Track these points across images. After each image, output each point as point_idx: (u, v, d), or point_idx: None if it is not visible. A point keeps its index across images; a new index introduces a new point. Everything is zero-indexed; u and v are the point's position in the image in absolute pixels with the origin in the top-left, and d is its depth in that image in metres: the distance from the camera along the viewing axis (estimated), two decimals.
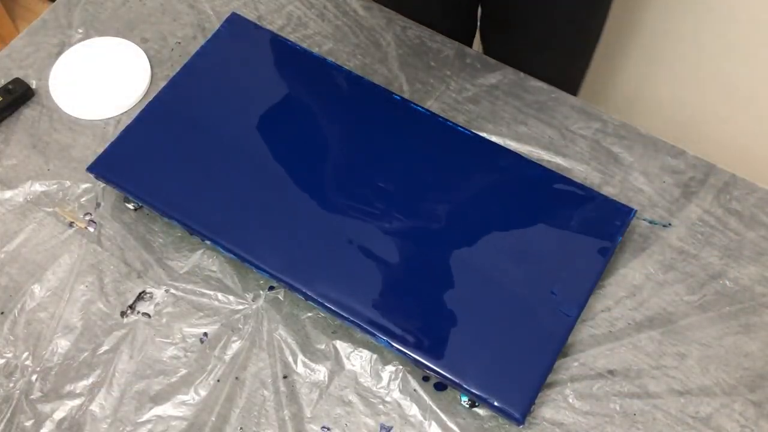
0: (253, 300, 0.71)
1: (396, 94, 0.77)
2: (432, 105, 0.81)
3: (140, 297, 0.71)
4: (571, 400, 0.66)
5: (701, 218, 0.74)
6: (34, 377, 0.68)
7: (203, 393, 0.67)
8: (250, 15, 0.87)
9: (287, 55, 0.80)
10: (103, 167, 0.73)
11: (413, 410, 0.66)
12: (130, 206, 0.75)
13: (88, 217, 0.75)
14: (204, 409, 0.66)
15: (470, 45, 1.08)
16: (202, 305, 0.71)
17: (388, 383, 0.67)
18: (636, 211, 0.71)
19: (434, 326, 0.65)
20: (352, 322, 0.66)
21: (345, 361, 0.68)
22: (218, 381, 0.67)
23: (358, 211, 0.71)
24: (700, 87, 1.27)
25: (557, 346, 0.65)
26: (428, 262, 0.68)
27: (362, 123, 0.76)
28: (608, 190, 0.76)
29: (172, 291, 0.71)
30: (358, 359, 0.68)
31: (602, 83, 1.41)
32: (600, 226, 0.70)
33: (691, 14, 1.18)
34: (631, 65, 1.34)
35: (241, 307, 0.71)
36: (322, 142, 0.75)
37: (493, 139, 0.78)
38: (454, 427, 0.65)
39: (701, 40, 1.20)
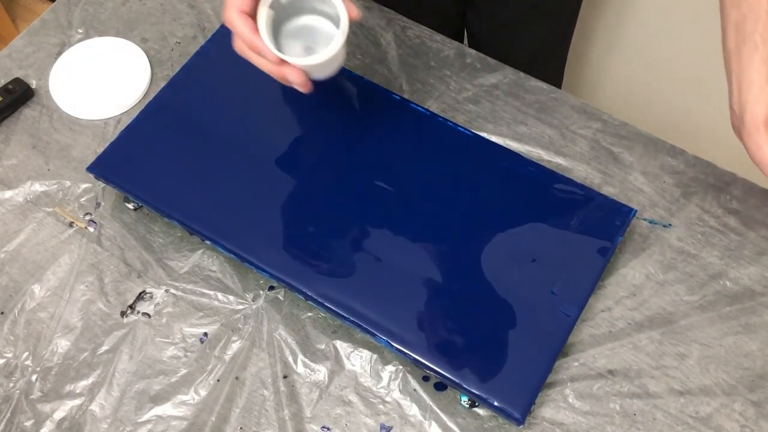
0: (253, 300, 0.71)
1: (396, 94, 0.77)
2: (432, 105, 0.81)
3: (140, 297, 0.71)
4: (571, 400, 0.66)
5: (701, 218, 0.74)
6: (34, 377, 0.68)
7: (203, 393, 0.67)
8: None
9: None
10: (103, 167, 0.73)
11: (413, 410, 0.66)
12: (130, 206, 0.75)
13: (88, 217, 0.75)
14: (204, 409, 0.66)
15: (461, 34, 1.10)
16: (202, 305, 0.71)
17: (388, 383, 0.67)
18: (636, 211, 0.71)
19: (434, 326, 0.65)
20: (352, 322, 0.66)
21: (345, 361, 0.68)
22: (218, 381, 0.67)
23: (358, 211, 0.71)
24: (700, 87, 1.27)
25: (557, 346, 0.65)
26: (428, 262, 0.68)
27: (362, 123, 0.76)
28: (608, 190, 0.76)
29: (172, 291, 0.71)
30: (358, 359, 0.68)
31: (601, 83, 1.41)
32: (600, 226, 0.70)
33: (693, 14, 1.18)
34: (631, 65, 1.34)
35: (241, 307, 0.71)
36: (322, 142, 0.75)
37: (493, 139, 0.78)
38: (454, 427, 0.65)
39: (702, 40, 1.20)
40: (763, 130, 0.62)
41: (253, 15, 0.61)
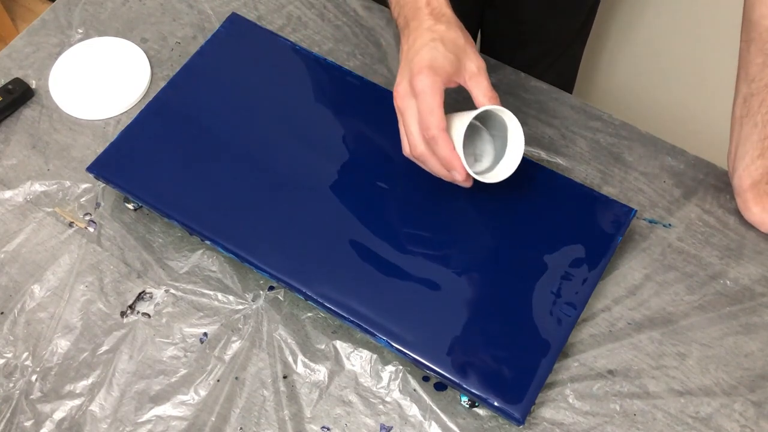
0: (253, 300, 0.71)
1: None
2: None
3: (140, 297, 0.71)
4: (571, 400, 0.66)
5: (701, 218, 0.74)
6: (34, 377, 0.68)
7: (203, 393, 0.67)
8: (250, 15, 0.87)
9: (287, 55, 0.80)
10: (103, 167, 0.73)
11: (413, 410, 0.66)
12: (130, 206, 0.75)
13: (88, 217, 0.75)
14: (204, 409, 0.66)
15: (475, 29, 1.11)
16: (202, 305, 0.71)
17: (388, 383, 0.67)
18: (636, 211, 0.71)
19: (434, 326, 0.65)
20: (352, 322, 0.66)
21: (345, 361, 0.68)
22: (218, 381, 0.67)
23: (358, 211, 0.71)
24: (700, 87, 1.27)
25: (557, 346, 0.65)
26: (428, 262, 0.68)
27: (362, 123, 0.76)
28: (608, 190, 0.76)
29: (172, 291, 0.71)
30: (358, 359, 0.68)
31: (602, 83, 1.41)
32: (600, 226, 0.70)
33: (693, 14, 1.18)
34: (632, 65, 1.34)
35: (241, 307, 0.71)
36: (321, 142, 0.75)
37: None
38: (454, 427, 0.65)
39: (702, 40, 1.20)
40: (749, 194, 0.72)
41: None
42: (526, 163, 0.73)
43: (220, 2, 0.88)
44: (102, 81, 0.83)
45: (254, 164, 0.73)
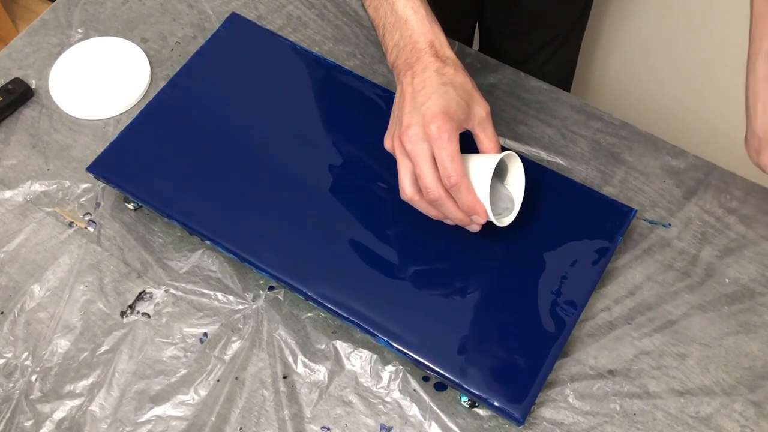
0: (253, 300, 0.71)
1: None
2: None
3: (140, 297, 0.71)
4: (571, 400, 0.66)
5: (701, 218, 0.74)
6: (33, 377, 0.68)
7: (203, 393, 0.67)
8: (250, 15, 0.87)
9: (287, 55, 0.80)
10: (103, 167, 0.73)
11: (413, 410, 0.66)
12: (130, 206, 0.75)
13: (87, 217, 0.75)
14: (204, 409, 0.66)
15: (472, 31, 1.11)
16: (202, 305, 0.71)
17: (388, 383, 0.67)
18: (636, 211, 0.71)
19: (434, 326, 0.65)
20: (352, 322, 0.66)
21: (345, 361, 0.68)
22: (218, 381, 0.67)
23: (358, 211, 0.71)
24: (700, 86, 1.27)
25: (557, 346, 0.65)
26: (428, 263, 0.68)
27: (362, 123, 0.76)
28: (608, 190, 0.76)
29: (172, 291, 0.71)
30: (358, 359, 0.68)
31: (602, 83, 1.41)
32: (600, 226, 0.70)
33: (694, 14, 1.18)
34: (632, 65, 1.34)
35: (241, 307, 0.71)
36: (321, 142, 0.75)
37: None
38: (454, 427, 0.65)
39: (703, 40, 1.20)
40: None
41: None
42: (526, 163, 0.73)
43: (220, 2, 0.88)
44: (102, 81, 0.83)
45: (254, 164, 0.73)
